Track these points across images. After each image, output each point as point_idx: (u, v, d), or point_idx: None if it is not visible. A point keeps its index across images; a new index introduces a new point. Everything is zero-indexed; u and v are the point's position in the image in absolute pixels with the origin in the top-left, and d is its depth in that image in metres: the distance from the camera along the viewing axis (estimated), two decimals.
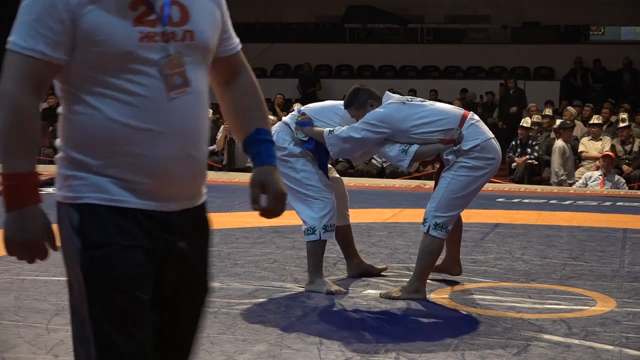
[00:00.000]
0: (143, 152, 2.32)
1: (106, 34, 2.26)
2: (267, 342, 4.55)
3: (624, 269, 6.51)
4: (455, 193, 5.44)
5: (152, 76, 2.31)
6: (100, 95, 2.30)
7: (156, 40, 2.31)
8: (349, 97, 5.74)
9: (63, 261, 2.45)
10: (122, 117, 2.30)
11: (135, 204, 2.34)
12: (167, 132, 2.33)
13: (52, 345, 4.43)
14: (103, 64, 2.28)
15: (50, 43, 2.26)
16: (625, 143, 14.04)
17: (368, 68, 24.21)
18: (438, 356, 4.36)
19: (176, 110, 2.34)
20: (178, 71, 2.34)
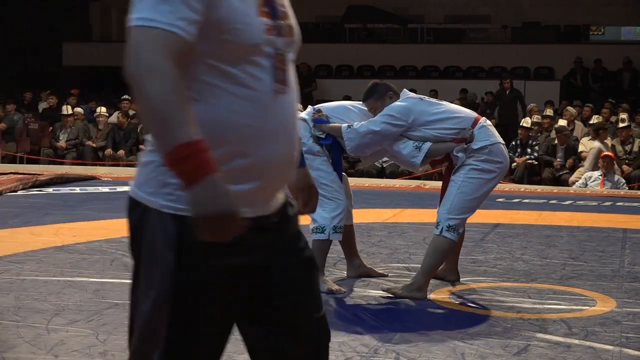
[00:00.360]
0: (255, 152, 2.18)
1: (239, 23, 2.14)
2: None
3: (624, 269, 6.51)
4: (467, 195, 5.50)
5: (269, 71, 2.20)
6: (216, 88, 2.16)
7: (272, 33, 2.21)
8: (369, 90, 5.78)
9: (138, 268, 2.26)
10: (239, 114, 2.17)
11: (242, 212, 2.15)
12: (275, 131, 2.21)
13: (52, 345, 4.43)
14: (228, 54, 2.15)
15: (189, 20, 2.10)
16: (625, 143, 14.05)
17: (368, 68, 24.20)
18: (438, 356, 4.36)
19: (282, 108, 2.24)
20: (282, 67, 2.25)
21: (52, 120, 17.55)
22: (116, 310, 5.11)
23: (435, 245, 5.53)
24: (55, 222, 8.26)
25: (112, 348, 4.40)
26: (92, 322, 4.86)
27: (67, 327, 4.77)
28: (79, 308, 5.15)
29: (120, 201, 9.79)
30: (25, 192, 10.35)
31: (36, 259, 6.52)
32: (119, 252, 6.78)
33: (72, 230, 7.79)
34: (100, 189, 10.89)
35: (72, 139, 16.18)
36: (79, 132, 16.28)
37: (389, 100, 5.70)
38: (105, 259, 6.55)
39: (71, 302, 5.29)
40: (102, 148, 16.06)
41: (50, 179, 11.16)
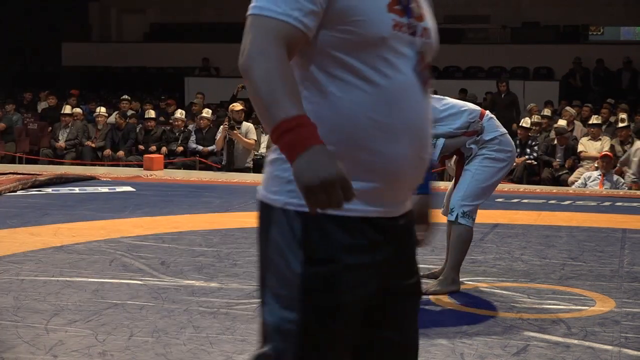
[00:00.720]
0: (380, 149, 2.13)
1: (363, 15, 2.10)
2: None
3: (623, 269, 6.51)
4: (481, 182, 5.62)
5: (399, 69, 2.14)
6: (342, 82, 2.13)
7: (404, 31, 2.16)
8: None
9: (264, 266, 2.23)
10: (364, 109, 2.12)
11: (362, 212, 2.14)
12: (406, 130, 2.15)
13: (51, 345, 4.43)
14: (352, 47, 2.12)
15: (304, 10, 2.08)
16: (624, 143, 14.04)
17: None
18: (437, 356, 4.36)
19: (418, 108, 2.18)
20: (422, 65, 2.20)
21: (52, 120, 17.56)
22: (115, 310, 5.11)
23: (457, 235, 5.62)
24: (55, 222, 8.26)
25: (111, 348, 4.40)
26: (91, 322, 4.86)
27: (66, 327, 4.76)
28: (78, 308, 5.15)
29: (119, 201, 9.80)
30: (25, 192, 10.35)
31: (35, 259, 6.52)
32: (118, 253, 6.78)
33: (71, 231, 7.78)
34: (100, 189, 10.88)
35: (71, 139, 16.18)
36: (78, 133, 16.28)
37: None
38: (105, 259, 6.54)
39: (70, 302, 5.29)
40: (101, 148, 16.06)
41: (49, 179, 11.16)
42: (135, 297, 5.45)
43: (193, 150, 15.53)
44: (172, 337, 4.60)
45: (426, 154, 2.22)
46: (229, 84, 21.14)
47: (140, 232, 7.78)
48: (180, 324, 4.86)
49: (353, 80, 2.12)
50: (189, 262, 6.52)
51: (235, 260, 6.59)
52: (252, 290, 5.67)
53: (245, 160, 13.83)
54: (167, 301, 5.36)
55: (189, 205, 9.55)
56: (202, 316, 5.02)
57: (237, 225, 8.20)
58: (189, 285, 5.77)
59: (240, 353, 4.37)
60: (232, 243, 7.29)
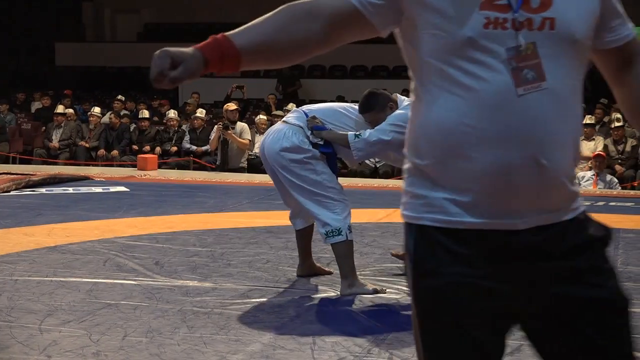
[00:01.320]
0: (477, 156, 2.00)
1: (449, 16, 2.00)
2: (261, 342, 4.55)
3: (617, 269, 6.50)
4: None
5: (495, 69, 1.99)
6: (436, 88, 2.04)
7: (505, 28, 2.00)
8: (369, 101, 5.75)
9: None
10: (457, 115, 2.00)
11: (469, 224, 2.03)
12: (508, 134, 1.99)
13: (44, 345, 4.42)
14: (442, 50, 2.02)
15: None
16: (618, 143, 14.07)
17: (361, 68, 24.21)
18: None
19: (522, 109, 1.98)
20: (530, 64, 2.00)
21: (45, 120, 17.54)
22: (109, 310, 5.11)
23: None
24: (48, 222, 8.25)
25: (105, 348, 4.39)
26: (85, 322, 4.85)
27: (60, 327, 4.76)
28: (72, 308, 5.15)
29: (113, 201, 9.79)
30: (18, 192, 10.34)
31: (29, 260, 6.51)
32: (112, 253, 6.78)
33: (65, 231, 7.77)
34: (93, 189, 10.87)
35: (64, 139, 16.16)
36: (71, 133, 16.26)
37: (389, 110, 5.72)
38: (99, 260, 6.54)
39: (64, 302, 5.28)
40: (95, 148, 16.04)
41: (43, 179, 11.15)
42: (129, 297, 5.44)
43: (187, 150, 15.52)
44: (166, 337, 4.59)
45: (546, 159, 2.00)
46: (223, 84, 21.13)
47: (134, 232, 7.77)
48: (174, 324, 4.85)
49: (445, 85, 2.03)
50: (183, 262, 6.51)
51: (229, 260, 6.58)
52: (246, 290, 5.67)
53: (239, 160, 13.83)
54: (161, 301, 5.35)
55: (183, 205, 9.54)
56: (196, 316, 5.01)
57: (231, 225, 8.19)
58: (183, 285, 5.76)
59: (234, 353, 4.37)
60: (226, 243, 7.28)
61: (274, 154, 5.67)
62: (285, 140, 5.65)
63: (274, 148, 5.68)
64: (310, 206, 5.66)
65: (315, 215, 5.68)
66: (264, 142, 5.81)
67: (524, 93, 1.98)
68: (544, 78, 2.00)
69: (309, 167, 5.65)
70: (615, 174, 13.18)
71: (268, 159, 5.73)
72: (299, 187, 5.64)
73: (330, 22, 2.10)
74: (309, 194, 5.63)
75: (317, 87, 22.53)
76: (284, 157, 5.64)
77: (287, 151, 5.64)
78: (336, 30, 2.11)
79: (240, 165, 13.84)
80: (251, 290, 5.69)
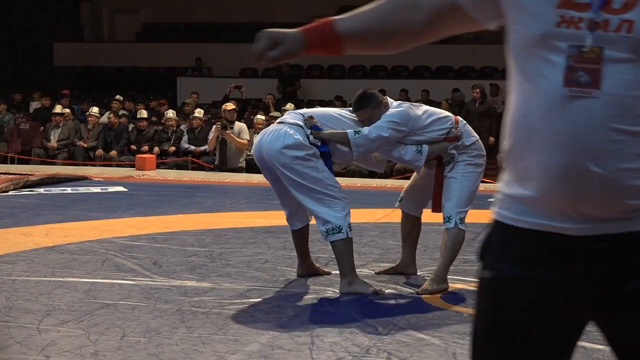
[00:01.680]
0: (536, 156, 1.96)
1: (527, 12, 1.97)
2: (259, 342, 4.55)
3: None
4: (469, 188, 5.85)
5: (557, 68, 1.94)
6: (515, 82, 2.03)
7: (579, 27, 1.92)
8: (363, 100, 5.81)
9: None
10: (524, 111, 1.99)
11: (529, 223, 2.01)
12: (560, 137, 1.93)
13: (43, 345, 4.42)
14: (519, 45, 2.00)
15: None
16: None
17: (360, 68, 24.22)
18: (430, 356, 4.37)
19: (572, 114, 1.91)
20: (589, 67, 1.91)
21: (44, 120, 17.53)
22: (107, 310, 5.10)
23: (454, 237, 5.80)
24: (47, 222, 8.24)
25: (103, 348, 4.39)
26: (83, 322, 4.85)
27: (59, 327, 4.76)
28: (70, 308, 5.14)
29: (111, 201, 9.79)
30: (16, 192, 10.33)
31: (27, 260, 6.51)
32: (111, 253, 6.78)
33: (64, 231, 7.77)
34: (92, 189, 10.87)
35: (63, 139, 16.16)
36: (70, 133, 16.26)
37: (384, 109, 5.78)
38: (97, 260, 6.54)
39: (62, 302, 5.28)
40: (93, 148, 16.04)
41: (41, 179, 11.14)
42: (128, 297, 5.44)
43: (185, 150, 15.52)
44: (165, 337, 4.59)
45: (598, 166, 1.91)
46: (221, 84, 21.12)
47: (132, 232, 7.77)
48: (172, 324, 4.85)
49: (521, 80, 2.01)
50: (182, 262, 6.51)
51: (227, 260, 6.58)
52: (245, 290, 5.67)
53: (238, 160, 13.82)
54: (160, 301, 5.35)
55: (181, 205, 9.54)
56: (195, 316, 5.01)
57: (230, 225, 8.19)
58: (181, 285, 5.76)
59: (233, 353, 4.37)
60: (225, 243, 7.28)
61: (275, 152, 5.66)
62: (287, 138, 5.65)
63: (274, 146, 5.67)
64: (310, 204, 5.66)
65: (315, 213, 5.67)
66: (260, 142, 5.79)
67: (569, 94, 1.91)
68: (598, 86, 1.90)
69: (310, 165, 5.66)
70: None
71: (267, 158, 5.72)
72: (299, 185, 5.63)
73: (434, 14, 2.16)
74: (309, 191, 5.63)
75: (315, 87, 22.53)
76: (285, 154, 5.63)
77: (290, 148, 5.63)
78: (440, 21, 2.18)
79: (239, 165, 13.84)
80: (249, 290, 5.69)
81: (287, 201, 5.90)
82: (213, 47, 24.70)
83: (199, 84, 23.04)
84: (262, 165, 5.83)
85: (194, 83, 23.13)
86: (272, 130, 5.81)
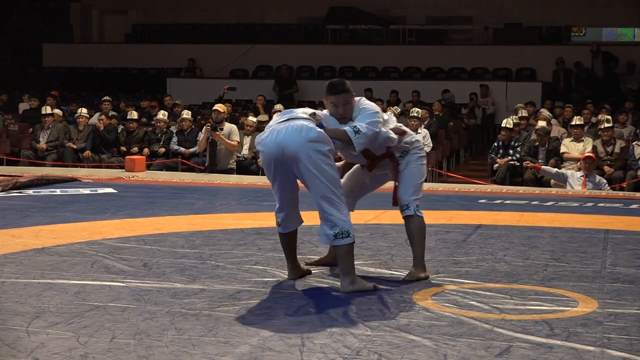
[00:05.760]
0: None
1: None
2: (249, 344, 4.54)
3: (606, 269, 6.52)
4: (420, 179, 6.21)
5: None
6: None
7: None
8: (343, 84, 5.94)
9: None
10: None
11: None
12: None
13: (32, 348, 4.40)
14: None
15: None
16: (607, 144, 14.10)
17: (350, 69, 24.24)
18: (420, 357, 4.35)
19: None
20: None
21: (33, 121, 17.48)
22: (97, 312, 5.08)
23: (418, 226, 6.14)
24: (36, 224, 8.21)
25: (93, 351, 4.37)
26: (72, 324, 4.83)
27: (48, 329, 4.73)
28: (59, 311, 5.12)
29: (101, 203, 9.76)
30: (5, 194, 10.29)
31: (16, 262, 6.48)
32: (100, 254, 6.75)
33: (53, 233, 7.74)
34: (81, 190, 10.83)
35: (52, 141, 16.12)
36: (59, 134, 16.22)
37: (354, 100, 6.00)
38: (86, 261, 6.51)
39: (52, 304, 5.26)
40: (83, 150, 16.00)
41: (30, 181, 11.10)
42: (117, 299, 5.42)
43: (175, 152, 15.49)
44: (155, 339, 4.57)
45: None
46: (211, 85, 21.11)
47: (122, 233, 7.74)
48: (162, 326, 4.83)
49: None
50: (172, 263, 6.49)
51: (217, 262, 6.57)
52: (234, 291, 5.65)
53: (228, 161, 13.80)
54: (150, 303, 5.33)
55: (171, 206, 9.51)
56: (185, 318, 5.00)
57: (220, 226, 8.17)
58: (171, 287, 5.74)
59: (223, 355, 4.35)
60: (215, 245, 7.26)
61: (300, 145, 5.53)
62: (310, 132, 5.58)
63: (299, 138, 5.54)
64: (323, 204, 5.61)
65: (327, 215, 5.63)
66: (278, 139, 5.60)
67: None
68: None
69: (329, 162, 5.62)
70: (604, 175, 13.21)
71: (290, 152, 5.56)
72: (319, 182, 5.56)
73: None
74: (324, 190, 5.58)
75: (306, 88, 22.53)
76: (311, 147, 5.54)
77: (315, 142, 5.56)
78: None
79: (229, 166, 13.82)
80: (240, 291, 5.68)
81: (288, 202, 5.84)
82: (203, 48, 24.70)
83: (189, 85, 23.02)
84: (278, 162, 5.65)
85: (184, 84, 23.12)
86: (288, 126, 5.65)
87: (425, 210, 6.27)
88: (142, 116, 17.97)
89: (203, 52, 24.52)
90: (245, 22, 26.60)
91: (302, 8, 26.34)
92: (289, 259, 6.07)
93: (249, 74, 24.23)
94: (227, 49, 24.13)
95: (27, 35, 25.83)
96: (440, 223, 8.42)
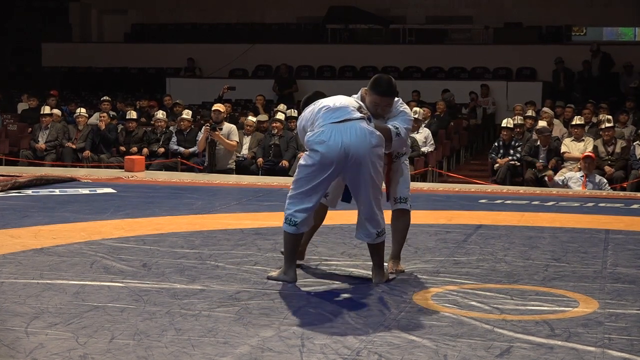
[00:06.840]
0: None
1: None
2: (249, 344, 4.52)
3: (606, 270, 6.51)
4: (409, 177, 6.36)
5: None
6: None
7: None
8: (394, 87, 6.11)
9: None
10: None
11: None
12: None
13: (31, 348, 4.39)
14: None
15: None
16: (608, 144, 14.08)
17: (350, 69, 24.22)
18: (420, 358, 4.34)
19: None
20: None
21: (32, 121, 17.46)
22: (96, 313, 5.07)
23: (407, 222, 6.30)
24: (35, 224, 8.20)
25: (92, 351, 4.36)
26: (71, 325, 4.82)
27: (47, 330, 4.72)
28: (58, 311, 5.11)
29: (100, 203, 9.75)
30: (4, 194, 10.28)
31: (15, 262, 6.47)
32: (99, 255, 6.74)
33: (52, 233, 7.73)
34: (80, 190, 10.82)
35: (51, 141, 16.10)
36: (58, 134, 16.19)
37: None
38: (85, 262, 6.50)
39: (51, 305, 5.24)
40: (82, 149, 15.98)
41: (29, 181, 11.09)
42: (117, 299, 5.41)
43: (174, 152, 15.47)
44: (154, 340, 4.56)
45: None
46: (211, 84, 21.09)
47: (121, 234, 7.73)
48: (161, 326, 4.82)
49: None
50: (171, 264, 6.48)
51: (217, 262, 6.55)
52: (234, 292, 5.64)
53: (227, 161, 13.79)
54: (149, 303, 5.32)
55: (170, 206, 9.50)
56: (184, 318, 4.98)
57: (219, 227, 8.16)
58: (170, 288, 5.73)
59: (223, 356, 4.34)
60: (214, 245, 7.25)
61: (366, 150, 5.64)
62: (372, 137, 5.71)
63: (365, 144, 5.64)
64: (373, 205, 5.82)
65: (374, 215, 5.83)
66: (345, 141, 5.61)
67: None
68: None
69: (382, 164, 5.86)
70: (605, 175, 13.19)
71: (356, 156, 5.62)
72: (374, 185, 5.76)
73: None
74: (376, 192, 5.80)
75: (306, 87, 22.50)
76: (374, 153, 5.70)
77: (377, 146, 5.74)
78: None
79: (228, 166, 13.81)
80: (239, 292, 5.66)
81: (318, 203, 5.91)
82: (202, 48, 24.68)
83: (188, 84, 23.01)
84: (340, 164, 5.67)
85: (183, 84, 23.10)
86: (351, 128, 5.66)
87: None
88: (141, 116, 17.94)
89: (203, 51, 24.51)
90: (245, 22, 26.59)
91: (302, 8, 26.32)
92: (293, 261, 6.00)
93: (249, 74, 24.21)
94: (227, 49, 24.12)
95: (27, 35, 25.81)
96: (441, 223, 8.41)
